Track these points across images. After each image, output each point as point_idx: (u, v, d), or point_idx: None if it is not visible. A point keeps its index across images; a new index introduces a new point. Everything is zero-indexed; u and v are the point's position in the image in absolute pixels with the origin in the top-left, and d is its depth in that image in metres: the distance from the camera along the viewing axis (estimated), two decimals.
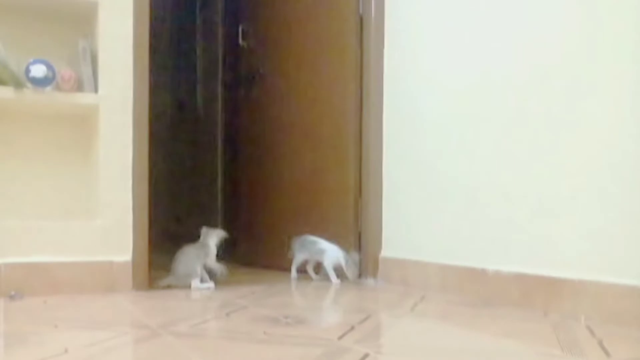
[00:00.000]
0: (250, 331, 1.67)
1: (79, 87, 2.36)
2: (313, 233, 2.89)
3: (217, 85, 4.64)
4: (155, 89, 3.42)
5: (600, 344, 1.56)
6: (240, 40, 3.75)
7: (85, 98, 2.35)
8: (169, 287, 2.49)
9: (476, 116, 2.35)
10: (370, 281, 2.83)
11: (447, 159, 2.48)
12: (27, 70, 2.23)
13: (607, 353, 1.46)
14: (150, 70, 2.52)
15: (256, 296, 2.34)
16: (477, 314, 2.00)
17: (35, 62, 2.24)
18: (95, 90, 2.37)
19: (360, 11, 2.93)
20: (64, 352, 1.40)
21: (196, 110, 4.92)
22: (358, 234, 2.92)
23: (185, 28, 5.04)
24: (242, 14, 3.82)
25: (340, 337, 1.60)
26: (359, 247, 2.91)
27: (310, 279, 2.90)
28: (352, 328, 1.72)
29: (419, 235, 2.63)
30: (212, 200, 4.59)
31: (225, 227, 4.39)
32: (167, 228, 4.62)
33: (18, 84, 2.23)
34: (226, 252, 3.97)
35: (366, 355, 1.41)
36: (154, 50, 2.85)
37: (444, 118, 2.51)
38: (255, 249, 3.56)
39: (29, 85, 2.24)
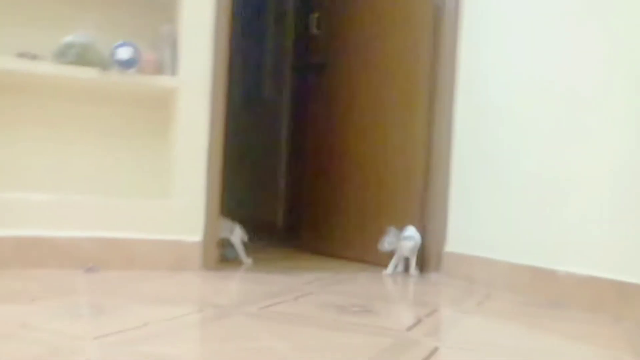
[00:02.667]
0: (319, 317, 1.70)
1: (161, 70, 2.43)
2: (376, 223, 2.90)
3: (285, 73, 4.69)
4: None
5: None
6: (312, 29, 3.77)
7: (166, 81, 2.42)
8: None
9: (555, 112, 2.30)
10: (432, 275, 2.82)
11: (522, 154, 2.44)
12: (114, 53, 2.31)
13: None
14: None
15: (322, 283, 2.37)
16: (545, 314, 1.98)
17: (121, 44, 2.32)
18: (176, 73, 2.44)
19: (437, 2, 2.91)
20: (144, 325, 1.46)
21: (263, 97, 4.99)
22: (422, 226, 2.92)
23: (255, 15, 5.10)
24: (315, 3, 3.84)
25: (408, 329, 1.61)
26: (423, 240, 2.90)
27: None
28: (420, 321, 1.73)
29: (488, 231, 2.60)
30: (275, 186, 4.66)
31: (288, 215, 4.47)
32: (229, 212, 4.71)
33: (104, 66, 2.31)
34: (289, 238, 4.05)
35: (436, 348, 1.42)
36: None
37: (521, 113, 2.47)
38: (318, 236, 3.60)
39: (114, 67, 2.33)
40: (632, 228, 1.96)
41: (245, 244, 2.81)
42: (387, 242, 2.76)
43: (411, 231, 2.79)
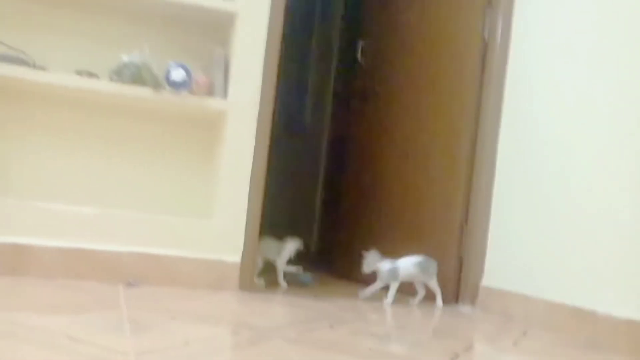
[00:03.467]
0: (354, 345, 1.71)
1: (211, 92, 2.49)
2: (412, 253, 2.89)
3: (327, 100, 4.74)
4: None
5: None
6: (358, 57, 3.82)
7: (215, 103, 2.48)
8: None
9: (598, 146, 2.28)
10: (466, 309, 2.80)
11: (564, 187, 2.43)
12: (168, 73, 2.38)
13: None
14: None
15: (357, 311, 2.38)
16: (584, 357, 1.95)
17: (175, 66, 2.39)
18: (225, 96, 2.50)
19: (486, 36, 2.93)
20: (185, 344, 1.48)
21: (304, 123, 5.04)
22: (459, 258, 2.90)
23: (300, 40, 5.17)
24: (361, 31, 3.89)
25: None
26: (460, 273, 2.89)
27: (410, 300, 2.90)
28: (457, 356, 1.73)
29: (526, 266, 2.58)
30: (312, 210, 4.68)
31: (322, 240, 4.49)
32: (266, 234, 4.73)
33: (157, 85, 2.38)
34: (323, 263, 4.06)
35: None
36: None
37: (563, 145, 2.46)
38: (351, 263, 3.60)
39: (167, 87, 2.39)
40: None
41: (300, 256, 2.84)
42: (365, 264, 2.78)
43: (419, 258, 2.76)
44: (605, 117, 2.28)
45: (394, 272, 2.72)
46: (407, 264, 2.73)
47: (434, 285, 2.78)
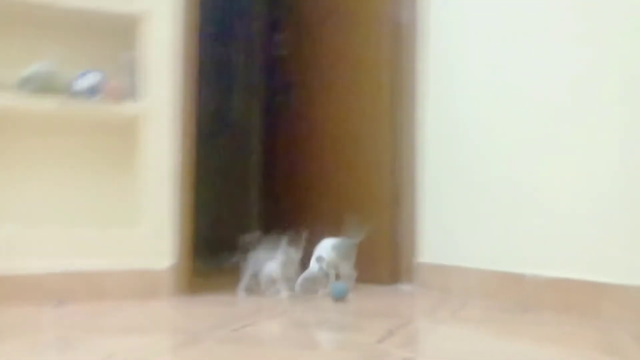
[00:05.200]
0: (289, 336, 1.69)
1: (124, 97, 2.41)
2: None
3: (254, 93, 4.71)
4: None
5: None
6: (278, 49, 3.80)
7: (130, 108, 2.41)
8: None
9: (518, 121, 2.34)
10: (405, 287, 2.82)
11: (488, 163, 2.48)
12: (76, 81, 2.30)
13: None
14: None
15: (294, 301, 2.36)
16: (517, 319, 1.99)
17: (83, 73, 2.31)
18: (140, 100, 2.43)
19: (395, 18, 2.95)
20: (109, 357, 1.44)
21: (232, 118, 4.99)
22: (394, 238, 2.93)
23: (222, 37, 5.11)
24: (281, 24, 3.87)
25: (379, 342, 1.61)
26: (396, 252, 2.91)
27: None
28: (392, 333, 1.73)
29: (460, 240, 2.62)
30: (248, 206, 4.64)
31: (263, 232, 4.45)
32: (203, 234, 4.66)
33: (66, 94, 2.30)
34: None
35: (405, 359, 1.41)
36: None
37: (485, 123, 2.51)
38: None
39: (77, 95, 2.31)
40: (598, 229, 1.99)
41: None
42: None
43: (335, 241, 2.55)
44: (521, 96, 2.33)
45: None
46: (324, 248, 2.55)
47: (349, 269, 2.57)
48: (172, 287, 2.42)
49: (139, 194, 2.46)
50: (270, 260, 2.42)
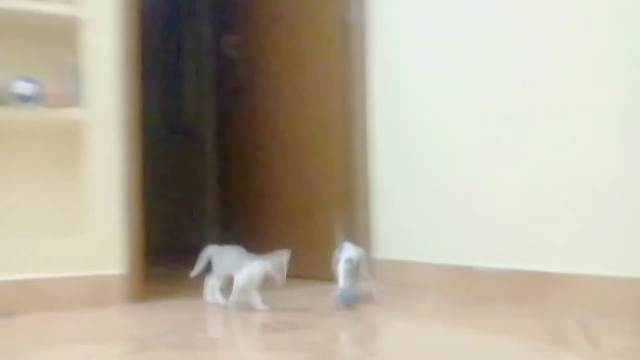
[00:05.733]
0: (240, 339, 1.67)
1: (66, 102, 2.36)
2: (305, 240, 2.89)
3: (205, 98, 4.67)
4: (144, 102, 3.43)
5: (590, 336, 1.56)
6: (228, 51, 3.77)
7: (71, 113, 2.35)
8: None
9: (466, 117, 2.36)
10: (362, 284, 2.82)
11: (436, 161, 2.50)
12: (12, 88, 2.23)
13: (596, 345, 1.46)
14: (141, 84, 2.52)
15: (243, 307, 2.33)
16: (470, 312, 2.00)
17: (19, 79, 2.25)
18: (82, 105, 2.37)
19: (344, 16, 2.95)
20: None
21: (185, 122, 4.94)
22: (349, 237, 2.92)
23: (172, 41, 5.05)
24: (230, 26, 3.83)
25: (331, 340, 1.60)
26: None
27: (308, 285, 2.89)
28: (344, 331, 1.72)
29: (414, 236, 2.63)
30: (203, 210, 4.60)
31: (220, 237, 4.42)
32: (159, 240, 4.61)
33: (2, 102, 2.23)
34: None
35: (355, 357, 1.41)
36: (141, 62, 2.87)
37: (434, 120, 2.53)
38: None
39: (14, 102, 2.25)
40: (543, 220, 2.02)
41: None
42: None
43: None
44: (466, 96, 2.35)
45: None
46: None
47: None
48: (124, 294, 2.38)
49: (86, 200, 2.40)
50: (243, 269, 2.17)
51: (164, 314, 2.16)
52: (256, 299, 2.19)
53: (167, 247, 4.43)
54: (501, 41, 2.20)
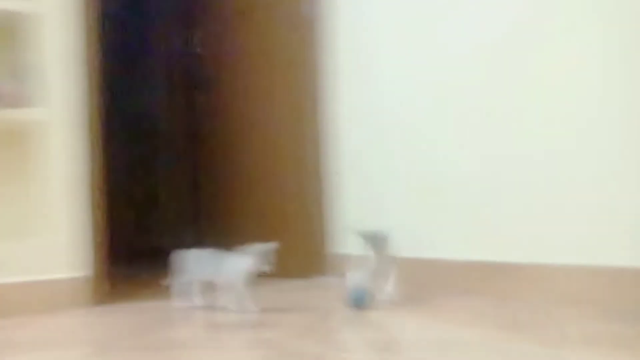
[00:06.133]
0: (203, 339, 1.65)
1: (22, 102, 2.30)
2: (277, 236, 2.86)
3: (174, 94, 4.62)
4: (109, 99, 3.37)
5: (554, 325, 1.57)
6: (194, 47, 3.74)
7: (27, 113, 2.29)
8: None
9: (434, 116, 2.36)
10: (332, 279, 2.81)
11: (392, 153, 2.53)
12: None
13: (562, 334, 1.47)
14: (103, 82, 2.48)
15: (212, 303, 2.30)
16: (430, 303, 2.01)
17: None
18: (39, 105, 2.32)
19: (308, 15, 2.94)
20: None
21: (153, 120, 4.88)
22: (305, 231, 2.93)
23: (137, 37, 4.99)
24: (195, 21, 3.80)
25: (293, 337, 1.58)
26: (318, 245, 2.90)
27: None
28: (307, 328, 1.71)
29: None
30: (179, 211, 4.55)
31: (193, 236, 4.38)
32: (130, 242, 4.55)
33: None
34: None
35: (319, 355, 1.40)
36: (104, 59, 2.82)
37: (395, 118, 2.53)
38: None
39: None
40: (504, 212, 2.04)
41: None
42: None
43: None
44: (433, 89, 2.37)
45: None
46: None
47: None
48: (87, 297, 2.34)
49: (45, 202, 2.35)
50: (227, 268, 2.07)
51: (127, 317, 2.13)
52: (245, 298, 2.09)
53: (137, 249, 4.37)
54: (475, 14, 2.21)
